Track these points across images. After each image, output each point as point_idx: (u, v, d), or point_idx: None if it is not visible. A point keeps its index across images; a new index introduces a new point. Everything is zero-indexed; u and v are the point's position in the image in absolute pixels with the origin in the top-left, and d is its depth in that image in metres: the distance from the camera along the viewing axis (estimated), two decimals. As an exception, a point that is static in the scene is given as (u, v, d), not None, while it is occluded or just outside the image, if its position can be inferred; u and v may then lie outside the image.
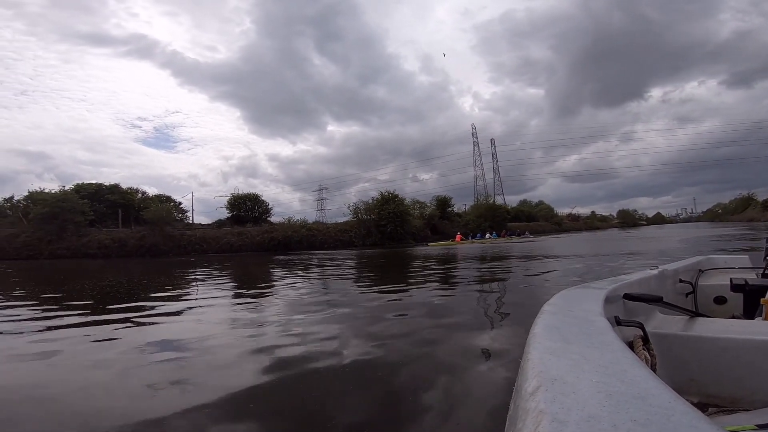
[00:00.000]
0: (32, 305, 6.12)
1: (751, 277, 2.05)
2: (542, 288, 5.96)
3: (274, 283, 8.59)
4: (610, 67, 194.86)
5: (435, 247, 24.42)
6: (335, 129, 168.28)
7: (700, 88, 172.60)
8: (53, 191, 29.41)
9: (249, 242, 29.63)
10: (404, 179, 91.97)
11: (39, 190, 32.13)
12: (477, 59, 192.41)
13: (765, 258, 2.32)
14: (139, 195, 38.77)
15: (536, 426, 0.40)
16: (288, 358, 2.99)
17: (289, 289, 7.16)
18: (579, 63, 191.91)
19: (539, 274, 7.67)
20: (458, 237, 31.87)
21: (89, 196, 29.95)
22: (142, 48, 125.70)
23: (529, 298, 5.16)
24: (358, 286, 7.34)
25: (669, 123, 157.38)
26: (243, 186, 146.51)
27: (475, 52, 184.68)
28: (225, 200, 41.57)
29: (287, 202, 76.67)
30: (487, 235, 35.13)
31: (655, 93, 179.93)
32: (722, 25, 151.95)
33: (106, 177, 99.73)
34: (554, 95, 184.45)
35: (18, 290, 8.55)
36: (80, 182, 33.56)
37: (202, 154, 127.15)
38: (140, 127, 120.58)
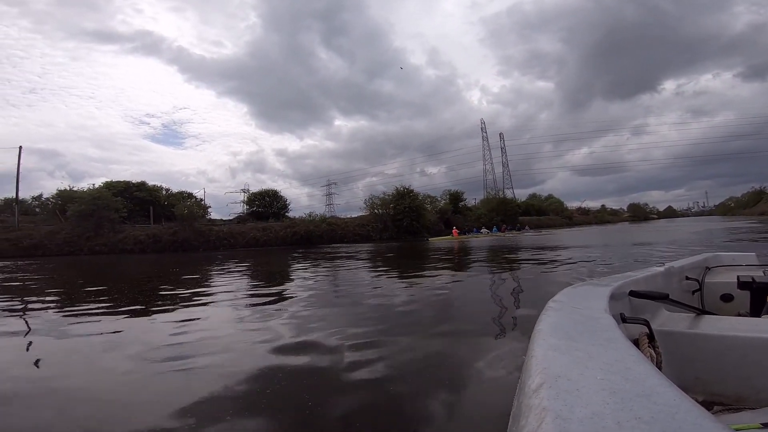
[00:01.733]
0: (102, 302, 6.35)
1: (758, 274, 2.06)
2: (548, 285, 5.87)
3: (296, 278, 8.70)
4: (622, 59, 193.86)
5: (436, 242, 24.68)
6: (342, 123, 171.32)
7: (715, 81, 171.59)
8: (84, 189, 30.85)
9: (273, 237, 30.72)
10: (412, 173, 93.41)
11: (68, 188, 33.61)
12: (485, 52, 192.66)
13: None
14: (163, 192, 39.99)
15: (540, 423, 0.40)
16: (293, 355, 3.02)
17: (307, 284, 7.37)
18: (590, 55, 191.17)
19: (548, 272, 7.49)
20: (454, 232, 31.38)
21: (118, 194, 31.07)
22: (148, 44, 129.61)
23: (534, 295, 5.15)
24: (368, 282, 7.40)
25: (682, 116, 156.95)
26: (251, 181, 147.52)
27: (483, 45, 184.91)
28: (236, 196, 43.01)
29: (295, 197, 77.81)
30: (483, 230, 34.86)
31: (669, 85, 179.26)
32: (737, 17, 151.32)
33: (116, 174, 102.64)
34: (565, 88, 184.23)
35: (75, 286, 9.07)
36: (109, 180, 34.73)
37: (210, 150, 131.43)
38: (148, 123, 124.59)
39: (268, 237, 30.63)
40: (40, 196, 41.28)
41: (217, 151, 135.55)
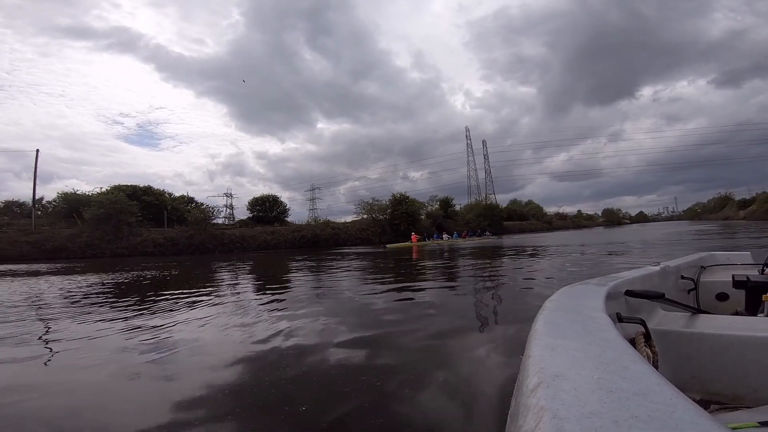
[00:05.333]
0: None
1: (753, 273, 2.03)
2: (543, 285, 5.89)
3: (300, 279, 8.87)
4: (604, 65, 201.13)
5: (394, 248, 23.58)
6: (325, 126, 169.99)
7: (690, 87, 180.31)
8: (92, 192, 32.01)
9: (282, 240, 32.68)
10: (395, 178, 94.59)
11: (73, 191, 34.55)
12: (470, 56, 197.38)
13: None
14: (165, 195, 41.00)
15: (537, 422, 0.41)
16: (288, 355, 3.01)
17: (307, 285, 7.62)
18: (573, 61, 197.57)
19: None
20: (413, 237, 30.57)
21: (127, 198, 32.12)
22: (124, 41, 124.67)
23: (530, 295, 5.18)
24: (362, 283, 7.55)
25: (657, 122, 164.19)
26: (230, 184, 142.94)
27: (468, 48, 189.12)
28: (217, 200, 44.48)
29: (277, 201, 76.78)
30: (445, 236, 34.57)
31: (646, 92, 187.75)
32: (715, 24, 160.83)
33: (87, 175, 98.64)
34: (547, 93, 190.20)
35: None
36: (117, 184, 35.52)
37: (188, 152, 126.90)
38: (122, 123, 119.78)
39: (277, 240, 32.51)
40: (41, 199, 41.89)
41: (195, 152, 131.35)
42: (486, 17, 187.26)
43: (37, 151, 32.26)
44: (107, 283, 9.08)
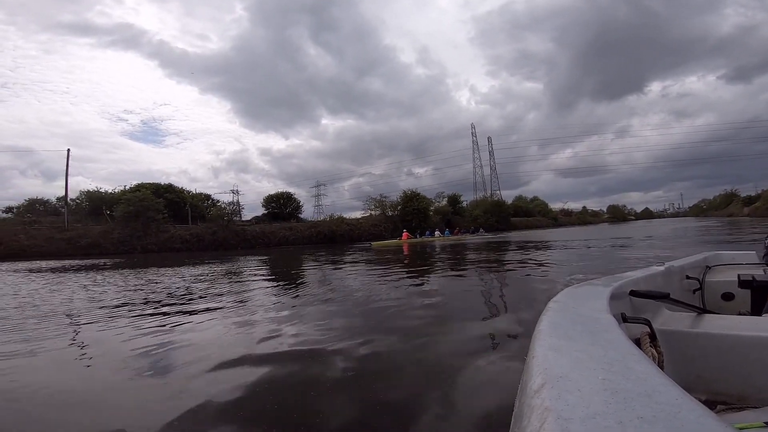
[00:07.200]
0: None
1: (759, 273, 2.02)
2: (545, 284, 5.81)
3: (309, 275, 9.17)
4: (612, 60, 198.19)
5: (380, 246, 22.43)
6: (329, 122, 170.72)
7: (699, 83, 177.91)
8: (115, 191, 33.53)
9: (300, 236, 34.24)
10: (399, 174, 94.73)
11: (96, 189, 36.17)
12: (475, 51, 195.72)
13: (767, 254, 2.29)
14: (185, 193, 42.49)
15: (541, 423, 0.41)
16: (289, 355, 3.03)
17: (322, 282, 7.72)
18: (581, 55, 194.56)
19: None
20: (405, 235, 29.19)
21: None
22: (128, 38, 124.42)
23: (533, 294, 5.12)
24: (366, 280, 7.56)
25: (665, 118, 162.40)
26: (234, 181, 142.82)
27: (473, 44, 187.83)
28: (222, 197, 46.72)
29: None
30: (437, 233, 33.35)
31: (655, 87, 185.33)
32: (725, 19, 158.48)
33: (92, 173, 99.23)
34: (553, 89, 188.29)
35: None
36: (140, 182, 37.17)
37: (192, 148, 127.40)
38: (127, 120, 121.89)
39: (295, 236, 34.07)
40: (66, 197, 43.51)
41: (199, 149, 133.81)
42: (491, 12, 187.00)
43: (68, 150, 33.89)
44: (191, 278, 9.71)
